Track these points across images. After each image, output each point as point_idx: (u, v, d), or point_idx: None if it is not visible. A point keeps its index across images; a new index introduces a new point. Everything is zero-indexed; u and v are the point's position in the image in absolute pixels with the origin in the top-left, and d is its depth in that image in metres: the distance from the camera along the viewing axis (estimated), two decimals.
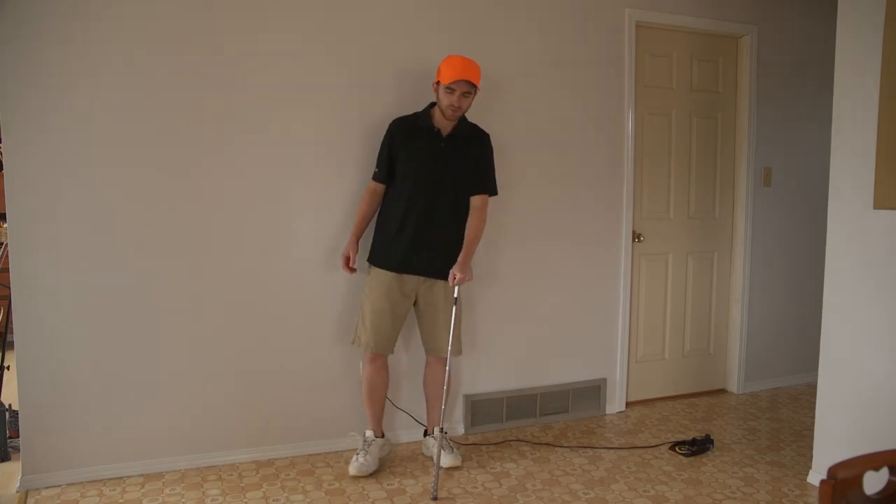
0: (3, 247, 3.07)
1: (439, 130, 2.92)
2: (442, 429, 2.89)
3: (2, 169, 3.20)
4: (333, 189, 3.12)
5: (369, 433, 3.02)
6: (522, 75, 3.43)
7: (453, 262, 2.93)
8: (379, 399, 3.04)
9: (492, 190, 3.03)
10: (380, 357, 2.99)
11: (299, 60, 3.02)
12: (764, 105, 4.02)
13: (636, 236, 3.80)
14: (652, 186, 3.85)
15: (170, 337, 2.93)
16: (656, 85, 3.82)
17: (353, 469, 2.90)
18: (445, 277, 2.94)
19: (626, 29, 3.63)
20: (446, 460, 2.97)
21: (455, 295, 2.92)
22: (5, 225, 2.76)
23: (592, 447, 3.29)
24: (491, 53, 3.35)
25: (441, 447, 2.87)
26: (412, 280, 2.95)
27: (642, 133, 3.78)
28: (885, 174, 2.57)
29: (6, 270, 2.75)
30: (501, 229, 3.45)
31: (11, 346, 3.02)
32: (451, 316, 2.91)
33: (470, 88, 2.83)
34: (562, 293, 3.62)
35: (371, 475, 2.93)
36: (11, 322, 2.87)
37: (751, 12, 3.94)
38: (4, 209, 2.71)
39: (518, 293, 3.52)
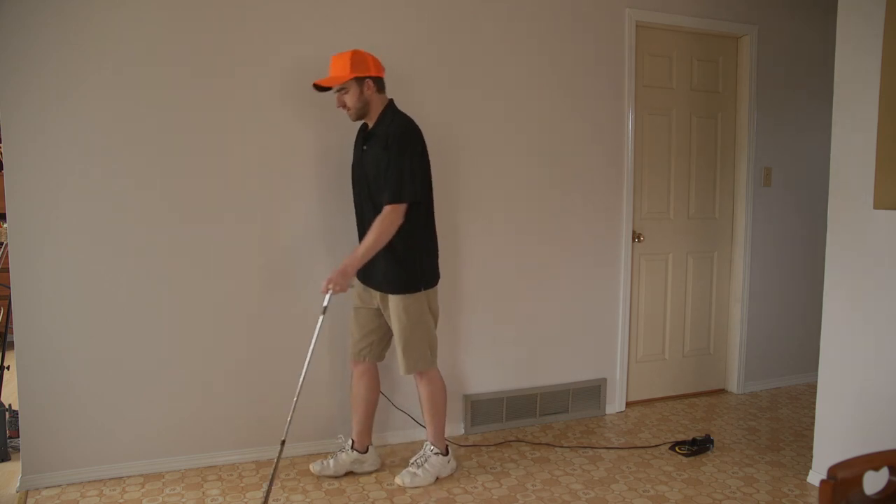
0: (3, 247, 3.07)
1: (365, 130, 2.78)
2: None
3: (2, 169, 3.20)
4: (334, 192, 3.12)
5: (349, 441, 2.96)
6: (522, 75, 3.43)
7: (394, 274, 2.70)
8: (357, 408, 2.91)
9: (391, 196, 2.58)
10: (357, 364, 2.91)
11: (301, 61, 3.02)
12: (764, 105, 4.03)
13: (636, 236, 3.80)
14: (652, 186, 3.85)
15: (170, 337, 2.93)
16: (656, 85, 3.82)
17: (312, 466, 2.92)
18: (389, 290, 2.73)
19: (626, 29, 3.63)
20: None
21: (325, 303, 2.64)
22: (5, 225, 2.76)
23: (592, 447, 3.29)
24: (490, 53, 3.36)
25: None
26: (371, 290, 2.81)
27: (642, 133, 3.79)
28: (885, 174, 2.57)
29: (6, 270, 2.75)
30: (501, 229, 3.45)
31: (11, 346, 3.03)
32: (401, 328, 2.73)
33: (338, 86, 2.65)
34: (562, 293, 3.62)
35: (371, 474, 2.93)
36: (11, 322, 2.87)
37: (751, 12, 3.94)
38: (4, 209, 2.71)
39: (518, 293, 3.52)
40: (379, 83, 2.70)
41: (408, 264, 2.71)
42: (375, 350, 2.91)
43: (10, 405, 3.22)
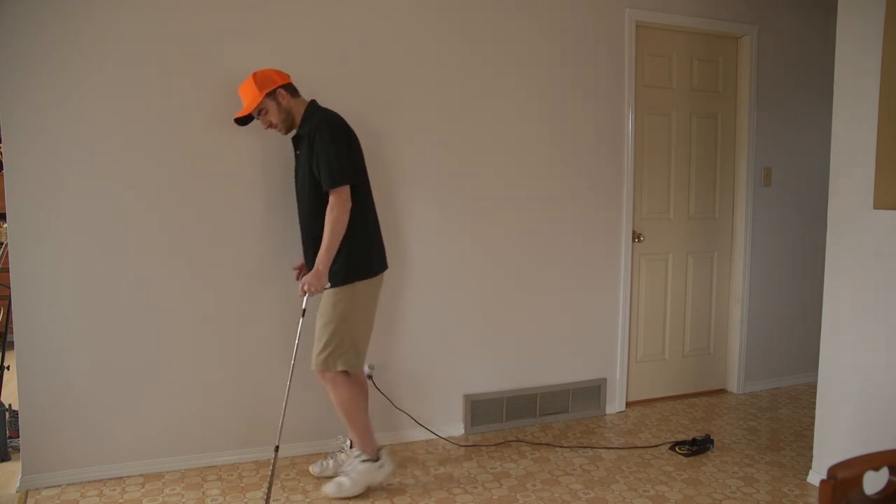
0: (3, 247, 3.07)
1: (294, 137, 2.76)
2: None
3: (2, 169, 3.20)
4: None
5: (347, 441, 2.93)
6: (522, 75, 3.43)
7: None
8: (347, 412, 2.76)
9: (327, 183, 2.57)
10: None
11: (300, 64, 3.02)
12: (764, 105, 4.03)
13: (636, 236, 3.80)
14: (652, 186, 3.85)
15: (170, 337, 2.93)
16: (656, 85, 3.82)
17: (312, 468, 2.92)
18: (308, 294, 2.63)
19: (626, 29, 3.63)
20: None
21: (303, 306, 2.64)
22: (5, 225, 2.76)
23: (592, 447, 3.29)
24: (490, 54, 3.36)
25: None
26: None
27: (642, 133, 3.79)
28: (885, 174, 2.57)
29: (6, 270, 2.75)
30: (500, 229, 3.45)
31: (11, 346, 3.03)
32: (325, 321, 2.65)
33: (256, 110, 2.66)
34: (562, 293, 3.62)
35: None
36: (11, 322, 2.87)
37: (751, 12, 3.94)
38: (4, 209, 2.71)
39: (518, 293, 3.52)
40: (290, 89, 2.69)
41: (339, 255, 2.61)
42: None
43: (10, 405, 3.22)
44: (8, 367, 3.27)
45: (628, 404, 3.87)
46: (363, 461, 2.73)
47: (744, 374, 4.14)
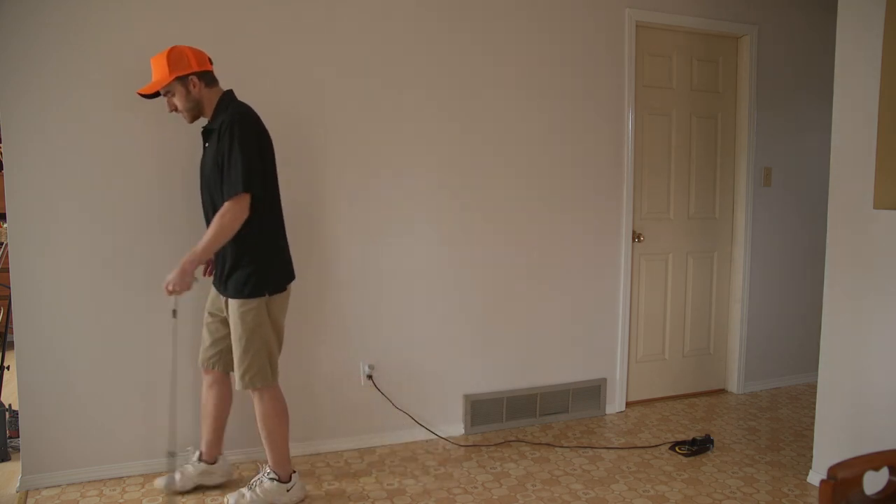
0: (3, 247, 3.07)
1: (204, 129, 2.57)
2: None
3: (2, 169, 3.20)
4: (334, 193, 3.12)
5: (196, 452, 2.79)
6: (522, 75, 3.43)
7: (233, 277, 2.49)
8: (206, 419, 2.74)
9: (228, 189, 2.39)
10: (206, 371, 2.72)
11: (305, 66, 3.02)
12: (764, 105, 4.03)
13: (636, 236, 3.80)
14: (652, 186, 3.85)
15: (169, 337, 2.92)
16: (656, 85, 3.82)
17: (157, 482, 2.75)
18: (228, 294, 2.52)
19: (626, 29, 3.63)
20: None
21: (173, 306, 2.48)
22: (5, 225, 2.76)
23: (592, 447, 3.29)
24: (490, 54, 3.36)
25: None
26: (221, 296, 2.61)
27: (642, 133, 3.79)
28: (885, 174, 2.57)
29: (6, 270, 2.75)
30: (500, 229, 3.45)
31: (11, 346, 3.03)
32: (237, 337, 2.51)
33: (163, 90, 2.47)
34: (562, 293, 3.62)
35: (357, 477, 2.93)
36: (11, 322, 2.87)
37: (751, 12, 3.95)
38: (4, 209, 2.71)
39: (518, 293, 3.52)
40: (206, 77, 2.48)
41: (246, 266, 2.48)
42: (225, 359, 2.68)
43: (10, 405, 3.22)
44: (8, 367, 3.27)
45: (628, 404, 3.87)
46: (271, 479, 2.61)
47: (744, 374, 4.14)
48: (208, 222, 2.53)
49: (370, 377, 3.23)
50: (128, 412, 2.89)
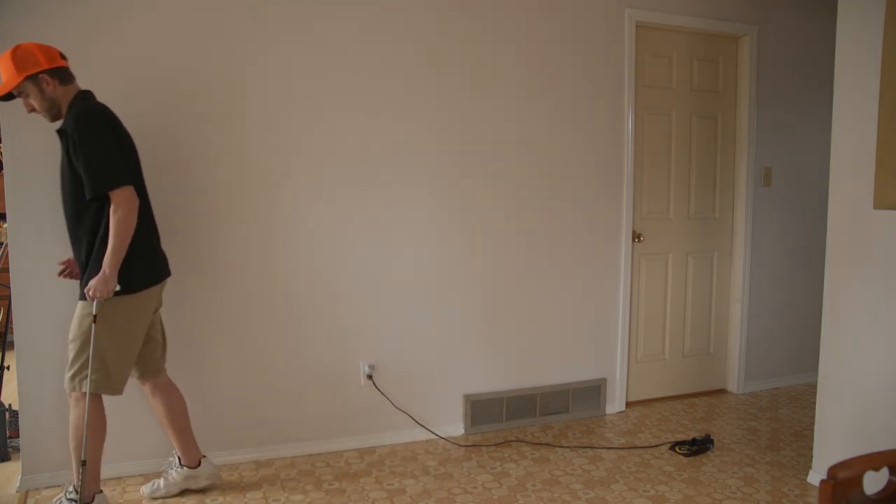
0: (3, 247, 3.07)
1: (57, 131, 2.40)
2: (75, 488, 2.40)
3: (2, 169, 3.20)
4: (336, 191, 3.12)
5: (176, 458, 2.74)
6: (522, 75, 3.43)
7: (82, 279, 2.41)
8: (165, 426, 2.69)
9: (90, 188, 2.29)
10: (143, 383, 2.68)
11: (305, 68, 3.02)
12: (764, 105, 4.03)
13: (636, 236, 3.80)
14: (652, 186, 3.85)
15: (169, 336, 2.92)
16: (656, 85, 3.82)
17: (143, 489, 2.73)
18: (83, 297, 2.40)
19: (626, 29, 3.63)
20: None
21: (93, 311, 2.35)
22: (5, 225, 2.76)
23: (592, 447, 3.29)
24: (490, 54, 3.36)
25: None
26: None
27: (642, 133, 3.79)
28: (885, 174, 2.57)
29: (6, 270, 2.75)
30: (501, 229, 3.45)
31: (11, 346, 3.03)
32: (71, 337, 2.41)
33: (16, 92, 2.33)
34: (562, 293, 3.62)
35: (357, 477, 2.93)
36: (11, 322, 2.87)
37: (751, 12, 3.94)
38: (4, 209, 2.71)
39: (517, 293, 3.52)
40: (59, 74, 2.34)
41: (92, 269, 2.36)
42: (149, 365, 2.63)
43: (10, 405, 3.22)
44: (8, 367, 3.27)
45: (628, 404, 3.87)
46: (69, 499, 2.45)
47: (744, 374, 4.14)
48: (68, 223, 2.44)
49: (370, 377, 3.23)
50: (127, 412, 2.88)
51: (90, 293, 2.32)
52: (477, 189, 3.39)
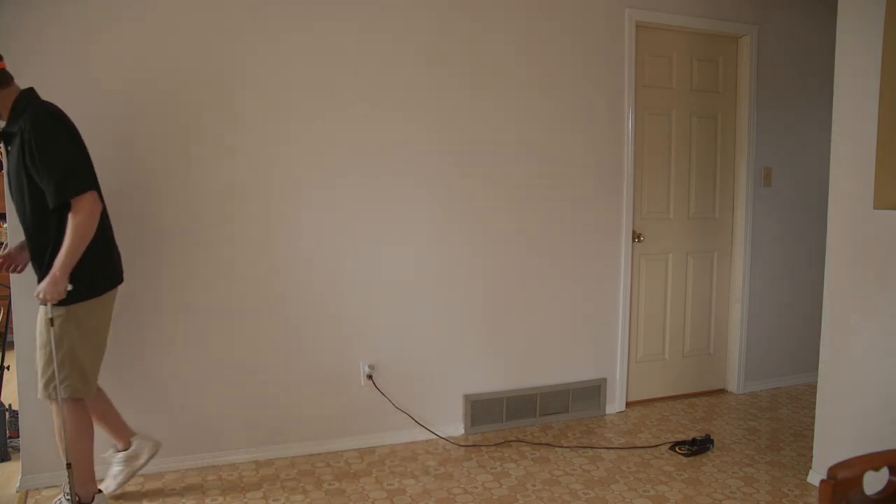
0: (4, 247, 3.07)
1: (2, 132, 2.34)
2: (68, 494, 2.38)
3: (2, 169, 3.19)
4: (340, 190, 3.13)
5: (112, 451, 2.72)
6: (522, 75, 3.43)
7: (41, 282, 2.33)
8: (100, 419, 2.63)
9: (55, 195, 2.23)
10: None
11: (306, 68, 3.02)
12: (764, 105, 4.03)
13: (636, 236, 3.80)
14: (652, 186, 3.85)
15: (169, 336, 2.93)
16: (656, 85, 3.82)
17: (104, 488, 2.66)
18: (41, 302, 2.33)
19: (626, 29, 3.63)
20: None
21: (49, 315, 2.30)
22: (5, 225, 2.76)
23: (592, 447, 3.29)
24: (489, 54, 3.36)
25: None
26: None
27: (642, 133, 3.79)
28: (885, 174, 2.57)
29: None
30: (500, 229, 3.45)
31: (11, 346, 3.03)
32: (42, 344, 2.35)
33: None
34: (562, 293, 3.62)
35: (357, 477, 2.93)
36: (11, 322, 2.87)
37: (751, 12, 3.95)
38: (4, 209, 2.70)
39: (518, 293, 3.52)
40: None
41: (48, 270, 2.31)
42: None
43: (10, 405, 3.22)
44: (8, 367, 3.27)
45: (628, 404, 3.87)
46: (68, 500, 2.44)
47: (744, 374, 4.14)
48: (26, 231, 2.39)
49: (370, 377, 3.23)
50: (127, 412, 2.88)
51: (41, 297, 2.27)
52: (477, 189, 3.39)
